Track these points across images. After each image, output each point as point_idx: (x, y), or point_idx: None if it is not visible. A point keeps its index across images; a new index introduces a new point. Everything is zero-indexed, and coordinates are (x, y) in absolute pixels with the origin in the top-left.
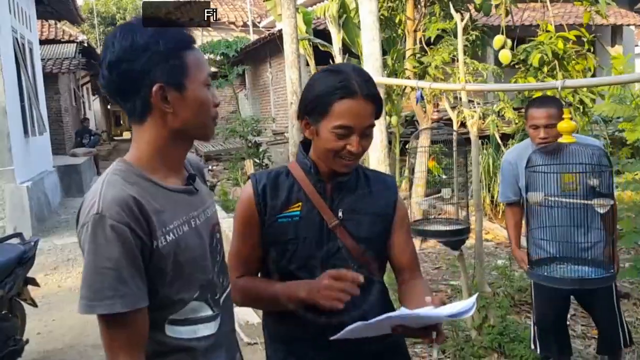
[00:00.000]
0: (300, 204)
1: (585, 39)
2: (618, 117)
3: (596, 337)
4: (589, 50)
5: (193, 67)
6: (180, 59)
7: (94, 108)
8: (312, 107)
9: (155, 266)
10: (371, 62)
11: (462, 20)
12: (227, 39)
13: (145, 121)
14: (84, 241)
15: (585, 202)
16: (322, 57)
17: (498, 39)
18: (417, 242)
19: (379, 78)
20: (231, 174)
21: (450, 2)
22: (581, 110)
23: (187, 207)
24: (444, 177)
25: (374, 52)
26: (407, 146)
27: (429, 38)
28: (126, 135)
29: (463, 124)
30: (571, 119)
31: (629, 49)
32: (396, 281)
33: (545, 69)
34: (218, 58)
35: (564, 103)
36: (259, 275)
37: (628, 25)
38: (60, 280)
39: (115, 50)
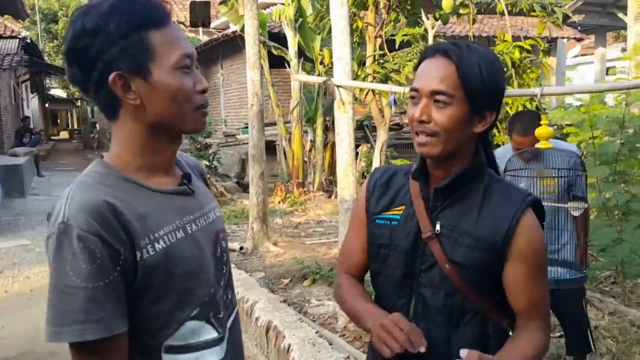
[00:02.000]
0: (403, 207)
1: (541, 49)
2: (568, 124)
3: (555, 337)
4: (545, 55)
5: (160, 48)
6: (142, 40)
7: (32, 107)
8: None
9: (142, 281)
10: (341, 65)
11: (432, 27)
12: None
13: (119, 116)
14: (49, 254)
15: (561, 205)
16: (276, 60)
17: None
18: None
19: (350, 82)
20: None
21: (421, 9)
22: None
23: (181, 211)
24: None
25: (344, 55)
26: (357, 149)
27: (392, 43)
28: (63, 134)
29: None
30: (548, 124)
31: (562, 60)
32: None
33: None
34: None
35: (541, 109)
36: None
37: (563, 38)
38: (6, 285)
39: (69, 38)
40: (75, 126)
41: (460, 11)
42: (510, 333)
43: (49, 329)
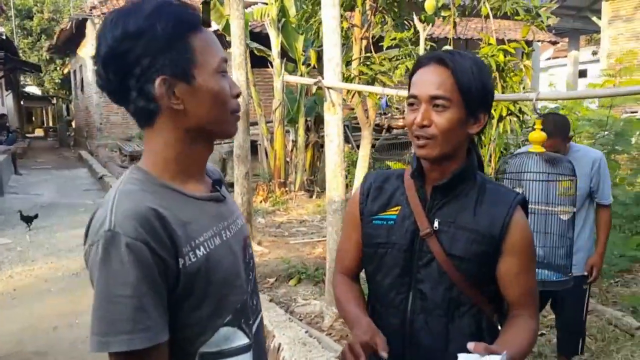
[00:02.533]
0: (399, 208)
1: (524, 52)
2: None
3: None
4: (528, 58)
5: (201, 52)
6: (185, 43)
7: (7, 104)
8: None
9: (184, 288)
10: (332, 67)
11: (424, 30)
12: None
13: (155, 123)
14: (92, 264)
15: (549, 209)
16: (257, 60)
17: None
18: None
19: (341, 83)
20: None
21: (413, 12)
22: (521, 118)
23: (216, 217)
24: None
25: (334, 56)
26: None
27: (379, 45)
28: (38, 132)
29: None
30: (542, 129)
31: (536, 63)
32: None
33: None
34: None
35: (537, 114)
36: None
37: (538, 41)
38: None
39: (107, 42)
40: (51, 124)
41: (442, 14)
42: (499, 327)
43: (95, 339)
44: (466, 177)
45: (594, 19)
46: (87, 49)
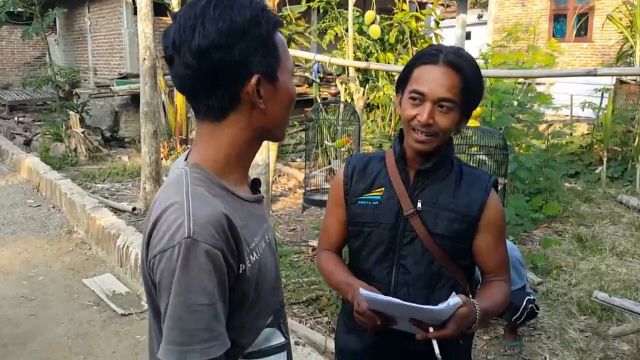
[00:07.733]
0: (382, 189)
1: (433, 18)
2: None
3: None
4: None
5: (283, 53)
6: (274, 44)
7: None
8: (400, 77)
9: (241, 293)
10: None
11: None
12: None
13: (226, 119)
14: (165, 270)
15: None
16: (156, 8)
17: (369, 15)
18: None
19: None
20: (50, 128)
21: None
22: None
23: (260, 220)
24: (342, 149)
25: None
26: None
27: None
28: None
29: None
30: None
31: (428, 24)
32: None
33: (399, 46)
34: None
35: None
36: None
37: (431, 3)
38: None
39: (209, 34)
40: None
41: None
42: (471, 297)
43: (172, 348)
44: (445, 161)
45: None
46: None
